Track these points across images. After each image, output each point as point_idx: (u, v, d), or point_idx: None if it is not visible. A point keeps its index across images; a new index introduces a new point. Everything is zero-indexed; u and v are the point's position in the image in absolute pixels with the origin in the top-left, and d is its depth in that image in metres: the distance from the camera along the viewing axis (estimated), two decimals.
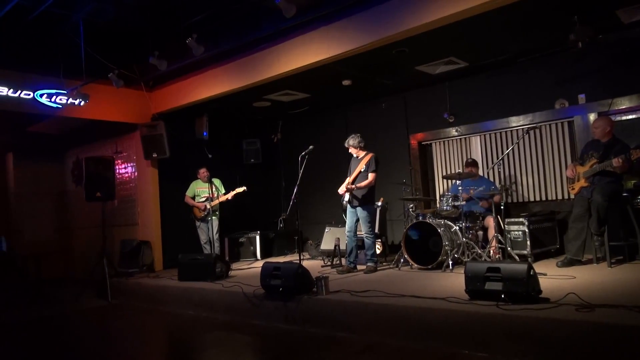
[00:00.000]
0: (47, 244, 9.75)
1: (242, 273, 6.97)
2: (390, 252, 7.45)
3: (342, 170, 6.77)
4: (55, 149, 10.03)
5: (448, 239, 5.84)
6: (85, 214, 9.28)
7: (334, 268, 6.54)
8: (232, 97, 7.52)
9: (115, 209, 8.76)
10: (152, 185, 8.27)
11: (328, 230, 7.89)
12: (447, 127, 7.64)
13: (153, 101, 8.17)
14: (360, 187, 6.06)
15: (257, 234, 8.66)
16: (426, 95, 7.83)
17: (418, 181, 7.93)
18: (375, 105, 8.43)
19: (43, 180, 9.92)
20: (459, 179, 6.17)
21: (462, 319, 3.80)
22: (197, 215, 7.74)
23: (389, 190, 7.73)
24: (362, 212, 6.13)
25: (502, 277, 3.91)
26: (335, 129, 8.80)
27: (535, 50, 6.46)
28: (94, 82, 7.20)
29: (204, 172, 7.76)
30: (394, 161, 8.05)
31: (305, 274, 5.00)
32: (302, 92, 7.80)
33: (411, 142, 8.05)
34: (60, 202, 10.08)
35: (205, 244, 7.73)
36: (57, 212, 10.04)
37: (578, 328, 3.32)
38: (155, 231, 8.21)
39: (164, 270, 8.03)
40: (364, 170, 6.15)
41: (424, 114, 7.88)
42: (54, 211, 10.03)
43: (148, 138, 7.96)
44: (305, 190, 8.05)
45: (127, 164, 8.72)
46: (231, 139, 9.47)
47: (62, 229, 10.02)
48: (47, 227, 9.91)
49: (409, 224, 6.29)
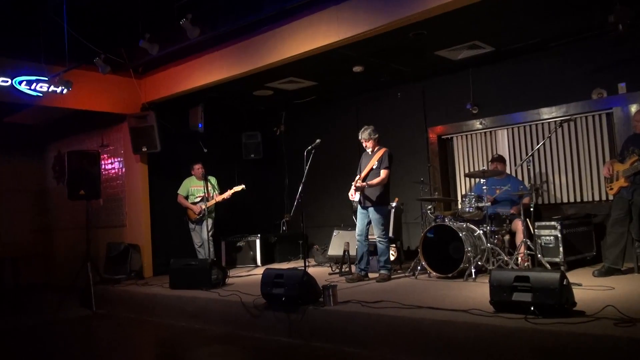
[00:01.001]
0: (25, 247, 9.82)
1: (240, 280, 6.97)
2: (405, 258, 7.44)
3: (352, 166, 6.76)
4: (34, 142, 10.10)
5: (471, 245, 5.82)
6: (68, 214, 9.34)
7: (343, 276, 6.54)
8: (230, 85, 7.52)
9: (101, 209, 8.81)
10: (142, 182, 8.30)
11: (336, 233, 7.89)
12: (470, 120, 7.62)
13: (143, 89, 8.20)
14: (371, 185, 6.05)
15: (258, 238, 8.67)
16: (447, 83, 7.80)
17: (437, 180, 7.91)
18: (389, 95, 8.41)
19: (21, 176, 9.99)
20: (483, 177, 6.15)
21: (486, 334, 3.78)
22: (192, 218, 7.77)
23: (404, 189, 7.70)
24: (374, 213, 6.12)
25: (532, 287, 3.90)
26: (345, 121, 8.79)
27: (569, 34, 6.42)
28: (77, 68, 7.22)
29: (199, 168, 7.77)
30: (410, 157, 8.03)
31: (311, 282, 5.00)
32: (308, 79, 7.79)
33: (430, 136, 8.03)
34: (39, 201, 10.16)
35: (199, 247, 7.77)
36: (37, 211, 10.11)
37: (617, 344, 3.30)
38: (144, 234, 8.25)
39: (154, 276, 8.06)
40: (376, 166, 6.14)
41: (444, 104, 7.86)
42: (33, 211, 10.10)
43: (137, 130, 8.00)
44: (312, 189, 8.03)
45: (114, 158, 8.76)
46: (229, 131, 9.49)
47: (41, 231, 10.10)
48: (25, 228, 9.98)
49: (426, 228, 6.28)
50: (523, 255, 5.70)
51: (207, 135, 8.70)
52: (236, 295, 5.60)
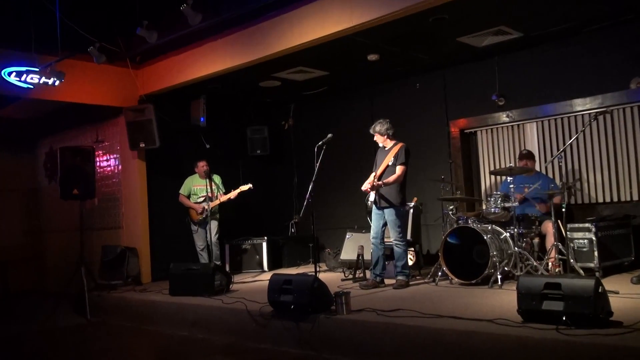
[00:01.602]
0: (15, 250, 9.91)
1: (245, 287, 6.99)
2: (425, 263, 7.42)
3: (367, 163, 6.75)
4: (25, 138, 10.18)
5: (496, 248, 5.80)
6: (60, 214, 9.41)
7: (357, 282, 6.55)
8: (235, 76, 7.54)
9: (96, 209, 8.87)
10: (139, 181, 8.35)
11: (349, 236, 7.89)
12: (495, 112, 7.58)
13: (141, 80, 8.24)
14: (387, 184, 6.04)
15: (264, 241, 8.69)
16: (470, 73, 7.77)
17: (459, 177, 7.88)
18: (407, 86, 8.38)
19: (10, 174, 10.08)
20: (510, 175, 6.12)
21: (513, 345, 3.76)
22: (194, 219, 7.80)
23: (423, 188, 7.68)
24: (390, 214, 6.11)
25: (564, 295, 3.87)
26: (359, 114, 8.78)
27: (605, 17, 6.35)
28: (71, 58, 7.27)
29: (204, 165, 7.81)
30: (430, 153, 8.01)
31: (322, 288, 5.00)
32: (319, 69, 7.79)
33: (451, 129, 8.00)
34: (30, 201, 10.25)
35: (202, 250, 7.79)
36: (27, 212, 10.21)
37: None
38: (142, 236, 8.30)
39: (152, 282, 8.11)
40: (392, 163, 6.14)
41: (467, 95, 7.82)
42: (22, 211, 10.20)
43: (134, 124, 8.04)
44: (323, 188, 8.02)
45: (110, 155, 8.81)
46: (233, 126, 9.52)
47: (32, 233, 10.19)
48: (14, 230, 10.08)
49: (448, 230, 6.26)
50: (554, 260, 5.67)
51: (209, 130, 8.73)
52: (241, 303, 5.62)
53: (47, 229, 9.99)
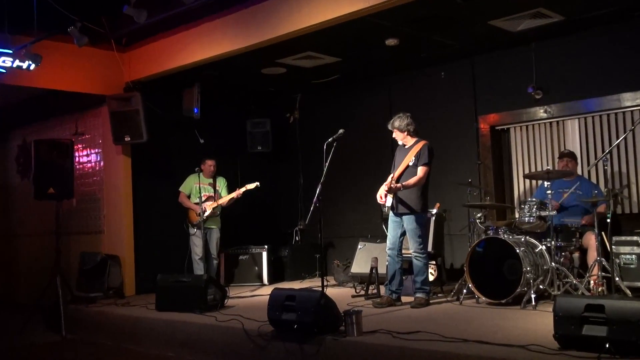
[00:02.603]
0: None
1: (242, 302, 7.00)
2: (448, 278, 7.41)
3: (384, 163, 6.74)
4: None
5: (530, 263, 5.78)
6: (33, 216, 9.45)
7: (370, 299, 6.54)
8: (234, 61, 7.54)
9: (74, 211, 8.90)
10: (124, 179, 8.37)
11: (362, 246, 7.89)
12: (532, 107, 7.55)
13: (127, 65, 8.26)
14: (407, 187, 6.04)
15: (264, 250, 8.70)
16: (503, 61, 7.75)
17: (489, 181, 7.87)
18: (431, 75, 8.37)
19: None
20: (547, 179, 6.09)
21: None
22: (193, 220, 7.84)
23: (448, 193, 7.66)
24: (410, 222, 6.11)
25: (608, 319, 3.85)
26: (375, 107, 8.76)
27: None
28: (48, 39, 7.30)
29: (212, 165, 7.92)
30: (455, 152, 7.99)
31: (330, 306, 5.00)
32: (330, 55, 7.79)
33: (481, 126, 7.98)
34: None
35: (200, 259, 7.80)
36: None
37: None
38: (126, 242, 8.32)
39: (136, 295, 8.13)
40: (412, 163, 6.13)
41: (499, 87, 7.80)
42: None
43: (119, 115, 8.07)
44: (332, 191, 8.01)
45: (91, 150, 8.85)
46: (231, 118, 9.54)
47: (1, 237, 10.24)
48: None
49: (475, 241, 6.24)
50: (597, 278, 5.63)
51: (204, 123, 8.74)
52: (237, 321, 5.62)
53: (18, 232, 10.03)
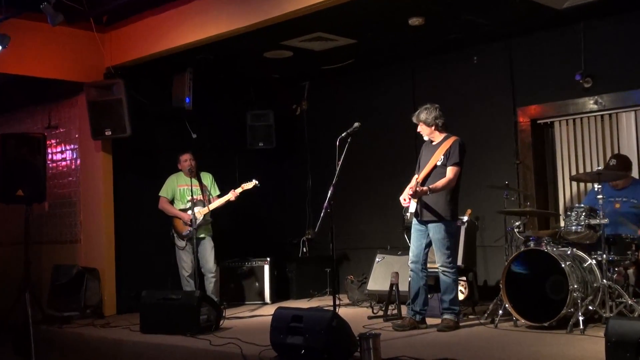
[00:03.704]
0: None
1: (241, 324, 6.99)
2: (481, 297, 7.36)
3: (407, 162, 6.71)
4: None
5: (578, 280, 5.74)
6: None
7: (389, 321, 6.52)
8: (232, 44, 7.53)
9: (46, 217, 8.90)
10: (103, 180, 8.36)
11: (380, 259, 7.86)
12: (580, 97, 7.51)
13: (108, 48, 8.26)
14: (434, 190, 6.01)
15: (266, 263, 8.68)
16: (546, 43, 7.71)
17: (529, 184, 7.83)
18: (461, 60, 8.34)
19: None
20: (598, 181, 6.06)
21: None
22: (181, 230, 7.81)
23: (481, 197, 7.64)
24: (437, 231, 6.08)
25: None
26: (397, 97, 8.72)
27: None
28: (17, 17, 7.30)
29: (188, 159, 7.81)
30: (490, 150, 7.96)
31: (343, 328, 4.98)
32: (343, 36, 7.77)
33: (520, 119, 7.95)
34: None
35: (189, 277, 7.77)
36: None
37: None
38: (106, 253, 8.31)
39: (118, 315, 8.11)
40: (441, 162, 6.11)
41: (541, 74, 7.76)
42: None
43: (99, 106, 8.06)
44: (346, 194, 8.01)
45: (66, 145, 8.85)
46: (229, 109, 9.52)
47: None
48: None
49: (513, 254, 6.20)
50: None
51: (197, 115, 8.73)
52: (235, 345, 5.61)
53: None
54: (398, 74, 8.92)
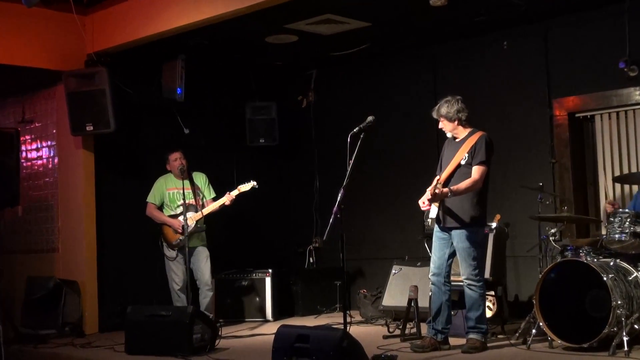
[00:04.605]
0: None
1: (239, 343, 7.00)
2: (511, 315, 7.37)
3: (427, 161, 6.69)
4: None
5: (622, 295, 5.70)
6: None
7: (407, 341, 6.49)
8: (229, 27, 7.54)
9: (19, 223, 8.93)
10: (85, 181, 8.35)
11: (397, 271, 7.86)
12: (624, 87, 7.49)
13: (90, 32, 8.26)
14: (458, 192, 5.98)
15: (268, 275, 8.68)
16: (585, 27, 7.70)
17: (566, 186, 7.82)
18: (489, 45, 8.34)
19: None
20: None
21: None
22: (171, 240, 7.79)
23: (512, 200, 7.65)
24: (461, 239, 6.06)
25: None
26: (416, 87, 8.73)
27: None
28: None
29: (178, 159, 7.79)
30: (522, 148, 7.97)
31: (355, 349, 4.98)
32: (356, 18, 7.77)
33: (556, 113, 7.92)
34: None
35: (180, 291, 7.77)
36: None
37: None
38: (87, 264, 8.30)
39: (100, 333, 8.12)
40: (465, 161, 6.08)
41: (580, 61, 7.75)
42: None
43: (79, 97, 8.06)
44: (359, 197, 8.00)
45: (42, 142, 8.86)
46: (226, 101, 9.54)
47: None
48: None
49: (548, 265, 6.18)
50: None
51: (189, 107, 8.73)
52: None
53: None
54: (417, 62, 8.92)
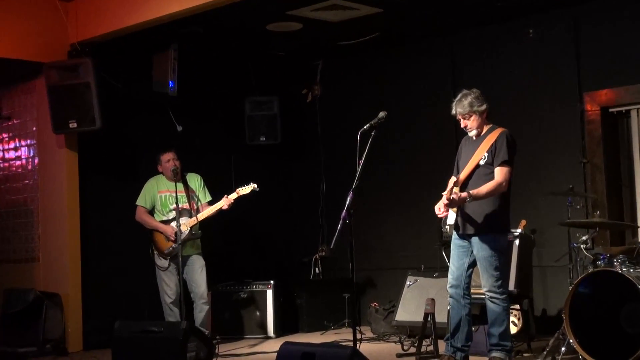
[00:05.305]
0: None
1: None
2: (539, 330, 7.34)
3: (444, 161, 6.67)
4: None
5: None
6: None
7: (423, 359, 6.51)
8: (226, 13, 7.57)
9: None
10: (67, 184, 8.37)
11: (412, 282, 7.86)
12: None
13: (73, 20, 8.27)
14: (478, 196, 5.96)
15: (269, 288, 8.70)
16: (621, 13, 7.69)
17: (599, 189, 7.80)
18: (512, 33, 8.34)
19: None
20: None
21: None
22: (163, 248, 7.78)
23: (538, 205, 7.66)
24: (482, 247, 6.04)
25: None
26: (432, 79, 8.76)
27: None
28: None
29: (171, 159, 7.79)
30: (549, 146, 7.97)
31: None
32: (366, 3, 7.77)
33: (587, 107, 7.91)
34: None
35: (172, 304, 7.77)
36: None
37: None
38: (70, 275, 8.31)
39: (84, 351, 8.14)
40: (485, 161, 6.06)
41: (614, 51, 7.74)
42: None
43: (62, 91, 8.07)
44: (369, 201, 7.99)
45: (20, 141, 8.86)
46: (223, 96, 9.55)
47: None
48: None
49: (579, 276, 6.17)
50: None
51: (183, 102, 8.74)
52: None
53: None
54: (433, 51, 8.93)
